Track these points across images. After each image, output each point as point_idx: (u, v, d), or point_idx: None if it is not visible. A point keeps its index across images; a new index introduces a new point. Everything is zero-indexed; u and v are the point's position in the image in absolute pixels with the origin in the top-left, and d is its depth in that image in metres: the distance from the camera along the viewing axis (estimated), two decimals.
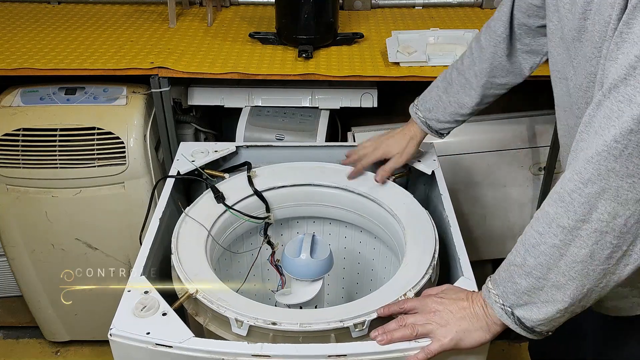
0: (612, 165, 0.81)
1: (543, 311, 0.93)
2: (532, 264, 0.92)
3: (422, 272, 1.17)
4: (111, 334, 1.03)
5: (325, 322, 1.04)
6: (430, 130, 1.45)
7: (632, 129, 0.78)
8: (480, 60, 1.35)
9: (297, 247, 1.27)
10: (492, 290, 1.00)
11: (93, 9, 2.33)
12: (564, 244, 0.88)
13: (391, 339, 1.02)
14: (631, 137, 0.78)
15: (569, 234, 0.87)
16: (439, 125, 1.44)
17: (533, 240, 0.92)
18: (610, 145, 0.80)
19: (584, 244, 0.86)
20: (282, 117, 1.94)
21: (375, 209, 1.41)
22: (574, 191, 0.85)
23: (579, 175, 0.84)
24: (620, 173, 0.81)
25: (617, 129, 0.79)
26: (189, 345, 0.99)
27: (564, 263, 0.88)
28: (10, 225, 1.96)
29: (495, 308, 0.99)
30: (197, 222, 1.29)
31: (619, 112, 0.79)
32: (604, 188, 0.82)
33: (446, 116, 1.43)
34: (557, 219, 0.88)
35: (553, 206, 0.89)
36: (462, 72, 1.39)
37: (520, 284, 0.94)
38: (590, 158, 0.83)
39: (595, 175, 0.82)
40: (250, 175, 1.44)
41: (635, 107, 0.77)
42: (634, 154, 0.79)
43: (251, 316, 1.05)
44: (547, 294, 0.92)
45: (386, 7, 2.41)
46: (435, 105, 1.43)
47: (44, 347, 2.32)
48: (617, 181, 0.81)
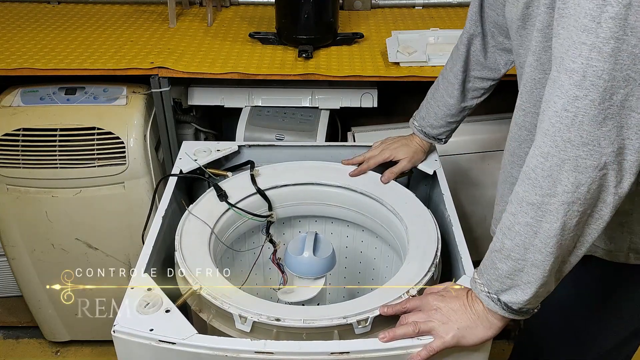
0: (567, 135, 0.83)
1: (527, 292, 0.95)
2: (509, 246, 0.95)
3: (424, 270, 1.17)
4: (115, 330, 1.02)
5: (329, 318, 1.05)
6: (427, 137, 1.50)
7: (576, 95, 0.81)
8: (458, 59, 1.39)
9: (300, 245, 1.27)
10: (478, 280, 1.02)
11: (93, 9, 2.33)
12: (535, 221, 0.90)
13: (393, 336, 1.02)
14: (578, 104, 0.82)
15: (539, 209, 0.89)
16: (434, 131, 1.48)
17: (508, 222, 0.95)
18: (561, 114, 0.83)
19: (554, 218, 0.88)
20: (282, 117, 1.94)
21: (378, 208, 1.42)
22: (537, 167, 0.88)
23: (539, 149, 0.87)
24: (575, 142, 0.83)
25: (564, 99, 0.83)
26: (193, 342, 0.99)
27: (539, 240, 0.90)
28: (10, 225, 1.96)
29: (482, 297, 1.01)
30: (200, 220, 1.30)
31: (563, 81, 0.83)
32: (563, 159, 0.85)
33: (438, 120, 1.47)
34: (526, 197, 0.90)
35: (521, 185, 0.92)
36: (444, 75, 1.44)
37: (502, 268, 0.97)
38: (547, 130, 0.86)
39: (554, 147, 0.85)
40: (253, 174, 1.44)
41: (575, 75, 0.81)
42: (584, 121, 0.82)
43: (255, 312, 1.05)
44: (528, 275, 0.94)
45: (386, 7, 2.41)
46: (427, 112, 1.49)
47: (44, 347, 2.32)
48: (574, 151, 0.84)
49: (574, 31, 0.81)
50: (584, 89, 0.81)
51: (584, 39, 0.80)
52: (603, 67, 0.79)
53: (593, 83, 0.80)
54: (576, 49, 0.81)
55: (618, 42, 0.78)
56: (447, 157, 1.89)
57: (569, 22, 0.82)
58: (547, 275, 0.93)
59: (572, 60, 0.81)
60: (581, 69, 0.80)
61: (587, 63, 0.80)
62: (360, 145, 1.60)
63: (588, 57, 0.80)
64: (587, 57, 0.80)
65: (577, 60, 0.81)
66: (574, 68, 0.81)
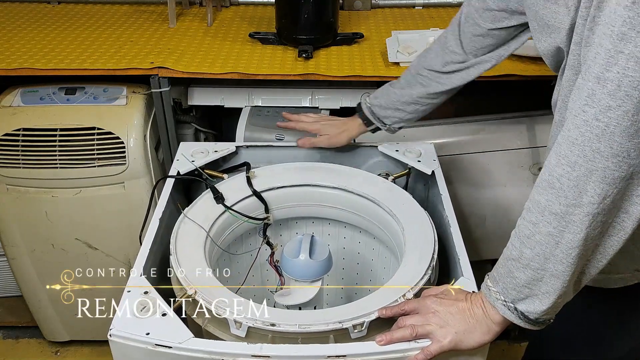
0: (597, 145, 0.82)
1: (545, 302, 0.94)
2: (529, 255, 0.93)
3: (421, 272, 1.17)
4: (111, 334, 1.03)
5: (324, 323, 1.04)
6: (373, 116, 1.51)
7: (609, 105, 0.79)
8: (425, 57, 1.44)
9: (296, 248, 1.27)
10: (492, 288, 1.00)
11: (93, 9, 2.33)
12: (558, 231, 0.88)
13: (390, 339, 1.02)
14: (610, 114, 0.79)
15: (562, 219, 0.87)
16: (382, 112, 1.50)
17: (527, 231, 0.93)
18: (591, 124, 0.81)
19: (578, 229, 0.86)
20: (282, 117, 1.94)
21: (375, 209, 1.41)
22: (563, 176, 0.86)
23: (566, 158, 0.85)
24: (605, 153, 0.81)
25: (596, 108, 0.80)
26: (189, 346, 0.99)
27: (561, 250, 0.89)
28: (10, 225, 1.96)
29: (497, 305, 0.99)
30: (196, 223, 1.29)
31: (595, 90, 0.81)
32: (591, 170, 0.83)
33: (389, 103, 1.48)
34: (549, 207, 0.89)
35: (543, 194, 0.90)
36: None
37: (520, 277, 0.95)
38: (575, 140, 0.84)
39: (582, 157, 0.83)
40: (249, 175, 1.44)
41: (609, 84, 0.79)
42: (615, 132, 0.80)
43: (250, 317, 1.05)
44: (547, 285, 0.93)
45: (386, 7, 2.41)
46: (381, 94, 1.51)
47: (43, 347, 2.33)
48: (602, 162, 0.82)
49: (609, 39, 0.79)
50: (618, 99, 0.78)
51: (622, 48, 0.77)
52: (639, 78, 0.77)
53: (628, 94, 0.78)
54: (612, 57, 0.78)
55: None
56: (445, 157, 1.89)
57: (604, 30, 0.80)
58: (567, 286, 0.92)
59: (606, 69, 0.79)
60: (616, 79, 0.78)
61: (623, 72, 0.77)
62: (361, 145, 1.60)
63: (625, 66, 0.77)
64: (623, 66, 0.77)
65: (612, 69, 0.78)
66: (609, 77, 0.79)
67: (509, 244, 0.98)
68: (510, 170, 1.98)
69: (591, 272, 0.94)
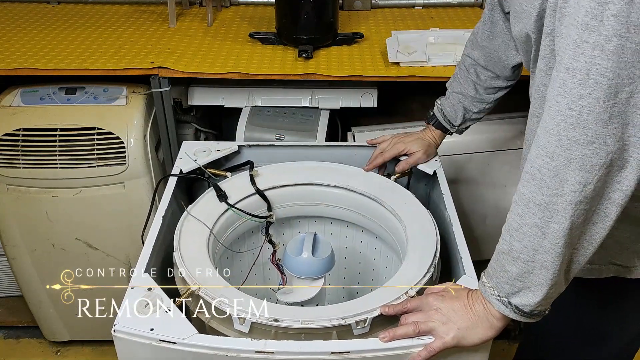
0: (572, 134, 0.83)
1: (538, 294, 0.95)
2: (518, 248, 0.94)
3: (423, 270, 1.17)
4: (115, 330, 1.03)
5: (327, 319, 1.05)
6: (444, 118, 1.51)
7: (580, 93, 0.81)
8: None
9: (299, 246, 1.27)
10: (487, 284, 1.02)
11: (93, 9, 2.33)
12: (543, 222, 0.89)
13: (394, 336, 1.02)
14: (582, 103, 0.81)
15: (546, 210, 0.89)
16: (450, 111, 1.50)
17: (515, 224, 0.94)
18: (565, 113, 0.83)
19: (563, 218, 0.88)
20: (282, 117, 1.94)
21: (377, 208, 1.41)
22: (543, 167, 0.88)
23: (544, 149, 0.87)
24: (581, 141, 0.83)
25: (568, 97, 0.82)
26: (193, 342, 1.00)
27: (548, 241, 0.90)
28: (10, 225, 1.96)
29: (492, 301, 1.00)
30: (199, 221, 1.30)
31: (566, 80, 0.82)
32: (569, 158, 0.84)
33: (454, 102, 1.49)
34: (533, 198, 0.90)
35: (527, 186, 0.91)
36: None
37: (511, 270, 0.96)
38: (551, 130, 0.85)
39: (559, 146, 0.85)
40: (252, 174, 1.44)
41: (578, 73, 0.81)
42: (589, 119, 0.81)
43: (253, 313, 1.05)
44: (538, 276, 0.94)
45: (386, 7, 2.41)
46: (448, 95, 1.51)
47: (44, 347, 2.32)
48: (579, 149, 0.83)
49: (575, 30, 0.81)
50: (587, 87, 0.80)
51: (586, 37, 0.79)
52: (606, 65, 0.79)
53: (597, 81, 0.79)
54: (578, 47, 0.80)
55: (621, 40, 0.77)
56: (447, 157, 1.89)
57: (570, 20, 0.82)
58: (557, 276, 0.93)
59: (574, 58, 0.81)
60: (584, 68, 0.80)
61: (590, 61, 0.79)
62: (361, 145, 1.60)
63: (591, 55, 0.79)
64: (590, 55, 0.79)
65: (579, 59, 0.80)
66: (577, 67, 0.81)
67: (500, 239, 0.99)
68: (510, 170, 1.98)
69: (580, 260, 0.95)
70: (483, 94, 1.45)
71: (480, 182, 1.98)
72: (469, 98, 1.46)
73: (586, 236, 0.91)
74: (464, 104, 1.47)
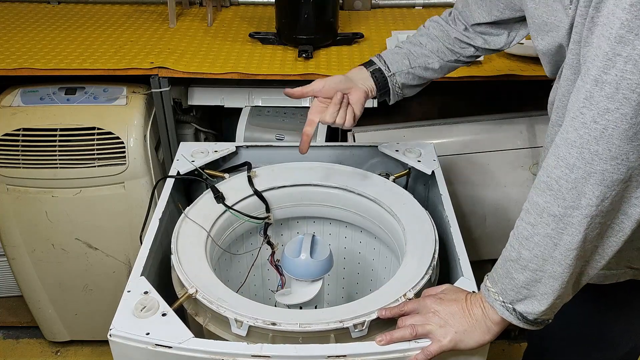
0: (595, 148, 0.82)
1: (544, 303, 0.94)
2: (527, 257, 0.93)
3: (422, 272, 1.17)
4: (111, 334, 1.03)
5: (325, 322, 1.04)
6: (382, 63, 1.39)
7: (607, 108, 0.79)
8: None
9: (297, 247, 1.27)
10: (491, 289, 1.01)
11: (93, 9, 2.33)
12: (557, 233, 0.88)
13: (391, 339, 1.02)
14: (608, 117, 0.79)
15: (561, 221, 0.87)
16: (391, 57, 1.39)
17: (526, 232, 0.93)
18: (590, 127, 0.81)
19: (577, 231, 0.86)
20: (282, 117, 1.94)
21: (375, 209, 1.41)
22: (561, 178, 0.86)
23: (564, 160, 0.86)
24: (603, 156, 0.81)
25: (595, 110, 0.81)
26: (189, 346, 0.99)
27: (559, 252, 0.89)
28: (10, 225, 1.96)
29: (495, 306, 0.99)
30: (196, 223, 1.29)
31: (593, 93, 0.81)
32: (589, 172, 0.83)
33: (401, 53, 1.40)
34: (548, 208, 0.89)
35: (542, 196, 0.90)
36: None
37: (518, 278, 0.95)
38: (573, 142, 0.84)
39: (580, 159, 0.83)
40: (250, 175, 1.44)
41: (607, 87, 0.79)
42: (614, 135, 0.80)
43: (251, 316, 1.05)
44: (546, 286, 0.93)
45: (386, 7, 2.41)
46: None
47: (44, 347, 2.33)
48: (601, 164, 0.82)
49: (607, 41, 0.79)
50: (616, 102, 0.78)
51: (620, 50, 0.77)
52: (638, 81, 0.77)
53: (626, 96, 0.78)
54: (610, 60, 0.78)
55: None
56: (445, 157, 1.89)
57: (602, 31, 0.80)
58: (565, 287, 0.92)
59: (604, 71, 0.79)
60: (614, 81, 0.78)
61: (621, 75, 0.78)
62: (361, 145, 1.59)
63: (623, 69, 0.77)
64: (621, 69, 0.77)
65: (610, 72, 0.78)
66: (607, 79, 0.79)
67: (507, 245, 0.98)
68: (510, 170, 1.98)
69: (590, 272, 0.94)
70: (453, 45, 1.39)
71: (479, 183, 1.97)
72: (428, 50, 1.39)
73: (599, 249, 0.91)
74: (414, 55, 1.38)
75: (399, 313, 1.07)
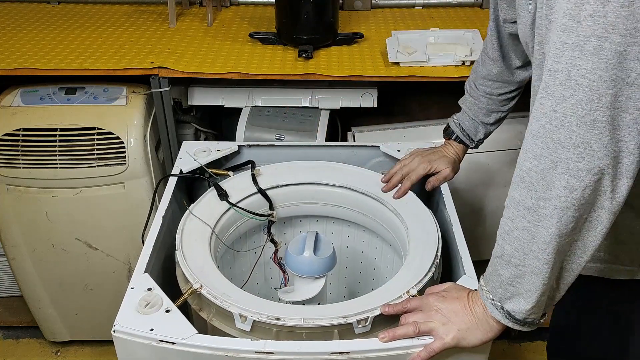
0: (557, 136, 0.82)
1: (529, 300, 0.95)
2: (509, 251, 0.94)
3: (424, 270, 1.17)
4: (115, 330, 1.02)
5: (329, 318, 1.05)
6: (463, 133, 1.48)
7: (563, 95, 0.81)
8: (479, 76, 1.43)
9: (300, 245, 1.27)
10: (484, 287, 1.02)
11: (93, 9, 2.33)
12: (532, 226, 0.89)
13: (393, 336, 1.02)
14: (565, 104, 0.81)
15: (535, 213, 0.88)
16: (469, 125, 1.48)
17: (507, 227, 0.94)
18: (550, 115, 0.83)
19: (549, 223, 0.87)
20: (282, 117, 1.94)
21: (378, 207, 1.42)
22: (531, 169, 0.87)
23: (532, 152, 0.87)
24: (565, 144, 0.82)
25: (552, 99, 0.82)
26: (193, 342, 1.00)
27: (537, 246, 0.90)
28: (10, 225, 1.96)
29: (487, 304, 1.01)
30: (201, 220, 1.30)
31: (549, 82, 0.82)
32: (555, 161, 0.84)
33: (472, 116, 1.47)
34: (522, 201, 0.90)
35: (516, 189, 0.91)
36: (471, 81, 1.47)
37: (504, 274, 0.96)
38: (537, 133, 0.85)
39: (545, 149, 0.84)
40: (254, 173, 1.44)
41: (560, 75, 0.80)
42: (572, 122, 0.81)
43: (255, 311, 1.05)
44: (529, 282, 0.93)
45: (386, 7, 2.41)
46: (463, 111, 1.49)
47: (44, 347, 2.32)
48: (565, 153, 0.83)
49: (556, 32, 0.80)
50: (570, 89, 0.80)
51: (566, 38, 0.79)
52: (587, 66, 0.78)
53: (578, 82, 0.79)
54: (558, 49, 0.80)
55: (600, 40, 0.76)
56: None
57: (554, 25, 0.81)
58: (547, 283, 0.92)
59: (555, 60, 0.81)
60: (565, 69, 0.80)
61: (571, 62, 0.79)
62: (361, 145, 1.60)
63: (571, 56, 0.79)
64: (570, 56, 0.79)
65: (560, 60, 0.80)
66: (559, 68, 0.80)
67: (495, 243, 0.99)
68: (510, 170, 1.98)
69: (573, 268, 0.94)
70: (498, 105, 1.44)
71: (480, 182, 1.98)
72: (484, 110, 1.44)
73: (579, 244, 0.91)
74: (480, 117, 1.46)
75: (402, 310, 1.07)
